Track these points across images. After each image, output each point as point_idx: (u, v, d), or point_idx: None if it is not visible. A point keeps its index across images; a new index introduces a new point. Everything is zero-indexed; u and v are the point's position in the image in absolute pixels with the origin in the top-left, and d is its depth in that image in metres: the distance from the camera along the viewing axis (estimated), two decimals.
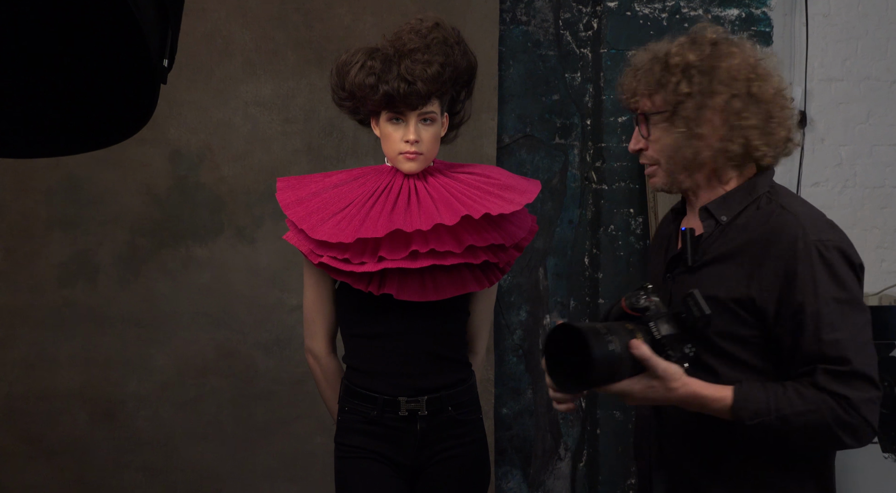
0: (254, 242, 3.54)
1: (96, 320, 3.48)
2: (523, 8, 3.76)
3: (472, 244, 2.28)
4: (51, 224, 3.48)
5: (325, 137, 3.56)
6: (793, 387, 1.80)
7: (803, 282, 1.80)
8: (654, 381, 1.81)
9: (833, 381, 1.77)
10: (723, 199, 1.94)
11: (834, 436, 1.78)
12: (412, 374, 2.35)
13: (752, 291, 1.84)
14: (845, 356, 1.77)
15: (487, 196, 2.34)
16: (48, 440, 3.48)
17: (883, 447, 3.39)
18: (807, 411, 1.78)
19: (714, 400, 1.82)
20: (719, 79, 1.89)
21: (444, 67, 2.28)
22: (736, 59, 1.90)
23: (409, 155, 2.30)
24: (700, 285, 1.89)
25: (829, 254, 1.81)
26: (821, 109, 3.89)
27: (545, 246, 3.78)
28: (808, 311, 1.79)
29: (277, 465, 3.57)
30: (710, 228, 1.94)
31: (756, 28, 3.82)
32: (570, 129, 3.79)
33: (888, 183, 3.95)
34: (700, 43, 1.93)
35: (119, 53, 1.80)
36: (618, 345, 1.78)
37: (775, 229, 1.85)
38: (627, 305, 1.85)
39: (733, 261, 1.88)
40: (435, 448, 2.37)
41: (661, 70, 1.92)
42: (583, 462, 3.79)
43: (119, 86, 1.86)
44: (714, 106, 1.89)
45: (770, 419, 1.79)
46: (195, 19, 3.45)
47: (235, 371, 3.54)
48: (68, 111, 1.93)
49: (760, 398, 1.80)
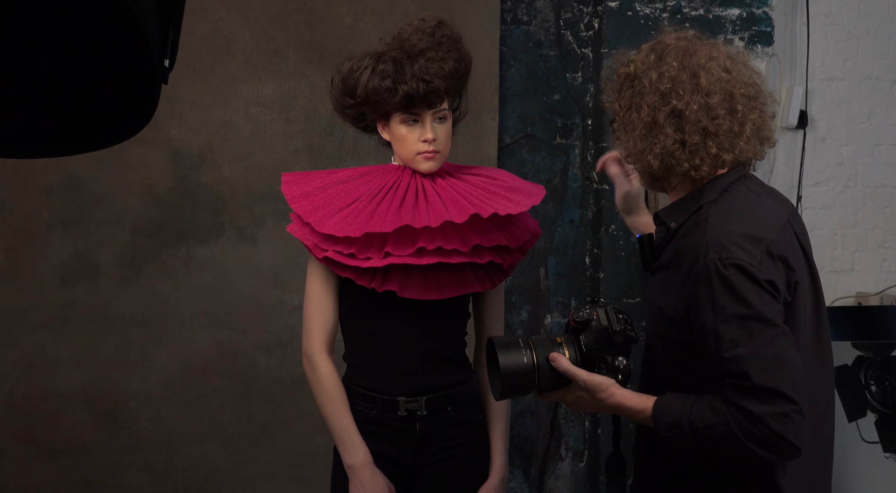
0: (255, 243, 3.54)
1: (97, 321, 3.49)
2: (524, 8, 3.76)
3: (478, 244, 2.28)
4: (52, 224, 3.48)
5: (326, 137, 3.56)
6: (708, 400, 1.82)
7: (703, 301, 1.81)
8: (581, 392, 1.92)
9: (738, 395, 1.77)
10: (674, 206, 1.97)
11: (746, 448, 1.78)
12: (412, 373, 2.35)
13: (673, 308, 1.89)
14: (745, 372, 1.76)
15: (494, 197, 2.34)
16: (49, 441, 3.48)
17: (884, 447, 3.39)
18: (715, 423, 1.79)
19: (638, 411, 1.90)
20: (645, 94, 1.90)
21: (459, 63, 2.30)
22: (670, 71, 1.89)
23: (428, 154, 2.31)
24: (651, 290, 1.98)
25: (727, 272, 1.79)
26: (822, 108, 3.89)
27: (546, 246, 3.78)
28: (708, 329, 1.80)
29: (279, 465, 3.57)
30: (661, 235, 1.99)
31: (757, 28, 3.82)
32: (571, 129, 3.79)
33: (889, 183, 3.95)
34: (652, 51, 1.94)
35: (120, 53, 1.80)
36: (534, 357, 1.93)
37: (688, 246, 1.88)
38: (574, 318, 1.98)
39: (668, 271, 1.94)
40: (434, 448, 2.37)
41: (618, 79, 1.97)
42: (584, 462, 3.79)
43: (120, 86, 1.86)
44: (637, 119, 1.91)
45: (684, 430, 1.82)
46: (196, 19, 3.45)
47: (237, 371, 3.54)
48: (69, 111, 1.93)
49: (676, 410, 1.84)
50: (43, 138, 1.98)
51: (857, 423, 3.41)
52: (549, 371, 1.93)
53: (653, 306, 1.96)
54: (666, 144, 1.88)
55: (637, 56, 1.96)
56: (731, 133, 1.89)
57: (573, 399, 1.95)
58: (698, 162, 1.89)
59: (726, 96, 1.88)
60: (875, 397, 3.39)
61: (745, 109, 1.90)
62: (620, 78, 1.96)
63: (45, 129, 1.95)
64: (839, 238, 3.90)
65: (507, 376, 1.93)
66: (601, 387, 1.90)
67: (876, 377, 3.40)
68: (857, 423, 3.41)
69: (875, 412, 3.41)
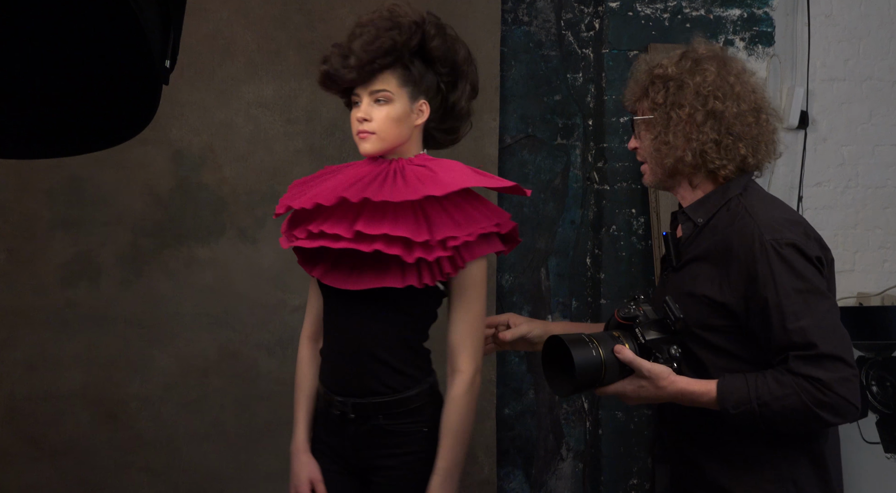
0: (256, 243, 3.55)
1: (98, 321, 3.49)
2: (525, 8, 3.76)
3: (359, 230, 2.16)
4: (53, 225, 3.48)
5: (327, 137, 3.56)
6: (771, 375, 1.96)
7: (764, 279, 1.97)
8: (643, 381, 2.01)
9: (805, 365, 1.93)
10: (700, 202, 2.13)
11: (815, 416, 1.93)
12: (347, 373, 2.28)
13: (724, 294, 2.02)
14: (811, 342, 1.93)
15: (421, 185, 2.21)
16: (50, 441, 3.48)
17: (885, 448, 3.39)
18: (783, 395, 1.93)
19: (701, 394, 2.00)
20: (685, 94, 2.09)
21: (381, 34, 2.19)
22: (709, 76, 2.10)
23: (362, 134, 2.25)
24: (682, 283, 2.10)
25: (784, 251, 1.98)
26: (823, 109, 3.89)
27: (547, 246, 3.78)
28: (772, 304, 1.96)
29: (280, 465, 3.56)
30: (688, 230, 2.14)
31: (758, 28, 3.82)
32: (571, 129, 3.79)
33: (890, 183, 3.95)
34: (686, 58, 2.14)
35: (121, 54, 1.80)
36: (601, 351, 2.00)
37: (736, 233, 2.04)
38: (619, 315, 2.06)
39: (706, 261, 2.07)
40: (370, 453, 2.28)
41: (647, 79, 2.15)
42: (585, 463, 3.79)
43: (121, 87, 1.86)
44: (679, 118, 2.09)
45: (752, 406, 1.95)
46: (197, 20, 3.46)
47: (237, 372, 3.54)
48: (70, 112, 1.93)
49: (741, 389, 1.97)
50: (44, 139, 1.98)
51: (858, 423, 3.41)
52: (614, 364, 2.00)
53: (691, 296, 2.06)
54: (703, 141, 2.08)
55: (668, 61, 2.15)
56: (756, 139, 2.10)
57: (634, 390, 2.03)
58: (727, 162, 2.09)
59: (754, 106, 2.11)
60: (876, 397, 3.39)
61: (766, 120, 2.13)
62: (651, 77, 2.14)
63: (47, 129, 1.96)
64: (840, 238, 3.90)
65: (581, 371, 1.99)
66: (662, 375, 2.00)
67: (877, 378, 3.40)
68: (858, 423, 3.41)
69: (876, 413, 3.41)
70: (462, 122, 2.37)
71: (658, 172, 2.16)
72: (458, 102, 2.31)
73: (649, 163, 2.17)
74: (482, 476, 3.61)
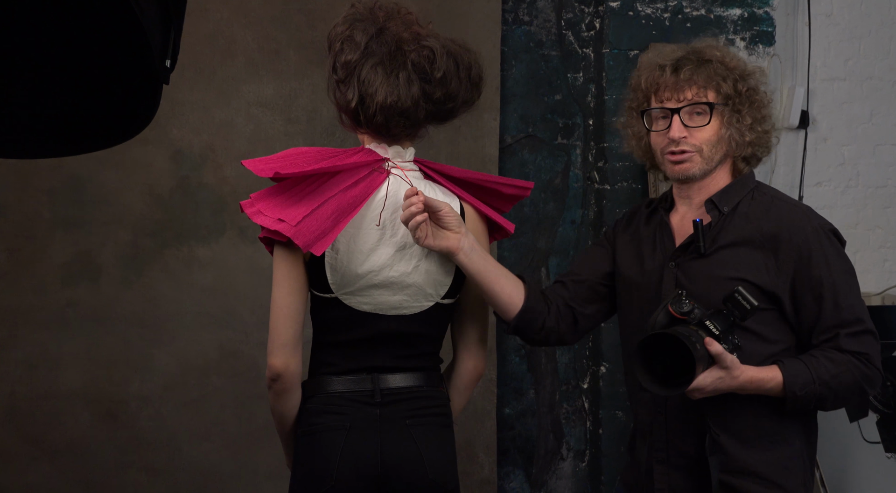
0: (256, 243, 3.54)
1: (99, 321, 3.49)
2: (525, 8, 3.76)
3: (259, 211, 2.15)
4: (53, 225, 3.48)
5: (327, 137, 3.56)
6: (822, 354, 2.08)
7: (818, 260, 2.10)
8: (722, 372, 2.03)
9: (853, 341, 2.07)
10: (724, 192, 2.21)
11: (861, 390, 2.09)
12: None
13: (772, 277, 2.11)
14: (860, 318, 2.09)
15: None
16: (51, 441, 3.48)
17: (885, 447, 3.38)
18: (839, 373, 2.06)
19: (767, 380, 2.06)
20: (755, 85, 2.22)
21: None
22: (761, 75, 2.25)
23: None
24: (713, 268, 2.15)
25: (830, 235, 2.14)
26: (823, 108, 3.89)
27: (547, 246, 3.78)
28: (826, 283, 2.09)
29: (280, 465, 3.57)
30: (714, 218, 2.19)
31: (758, 28, 3.82)
32: (572, 129, 3.79)
33: (891, 183, 3.95)
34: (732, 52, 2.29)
35: (122, 54, 1.80)
36: (701, 346, 2.01)
37: (783, 220, 2.15)
38: (675, 310, 2.06)
39: (747, 246, 2.14)
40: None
41: (722, 68, 2.19)
42: (585, 462, 3.79)
43: (121, 86, 1.86)
44: (749, 108, 2.20)
45: (815, 386, 2.05)
46: (197, 20, 3.45)
47: (238, 371, 3.54)
48: (71, 112, 1.93)
49: (803, 371, 2.06)
50: (44, 139, 1.98)
51: (858, 423, 3.40)
52: (704, 358, 2.01)
53: (732, 280, 2.10)
54: (764, 130, 2.22)
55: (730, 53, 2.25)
56: (769, 137, 2.25)
57: (713, 382, 2.03)
58: (761, 153, 2.25)
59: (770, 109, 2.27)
60: (876, 397, 3.39)
61: (772, 122, 2.27)
62: (727, 68, 2.20)
63: (47, 129, 1.96)
64: None
65: (701, 365, 2.00)
66: (737, 365, 2.04)
67: None
68: (858, 423, 3.40)
69: (876, 412, 3.40)
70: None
71: (713, 161, 2.19)
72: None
73: (705, 150, 2.18)
74: (482, 476, 3.61)
